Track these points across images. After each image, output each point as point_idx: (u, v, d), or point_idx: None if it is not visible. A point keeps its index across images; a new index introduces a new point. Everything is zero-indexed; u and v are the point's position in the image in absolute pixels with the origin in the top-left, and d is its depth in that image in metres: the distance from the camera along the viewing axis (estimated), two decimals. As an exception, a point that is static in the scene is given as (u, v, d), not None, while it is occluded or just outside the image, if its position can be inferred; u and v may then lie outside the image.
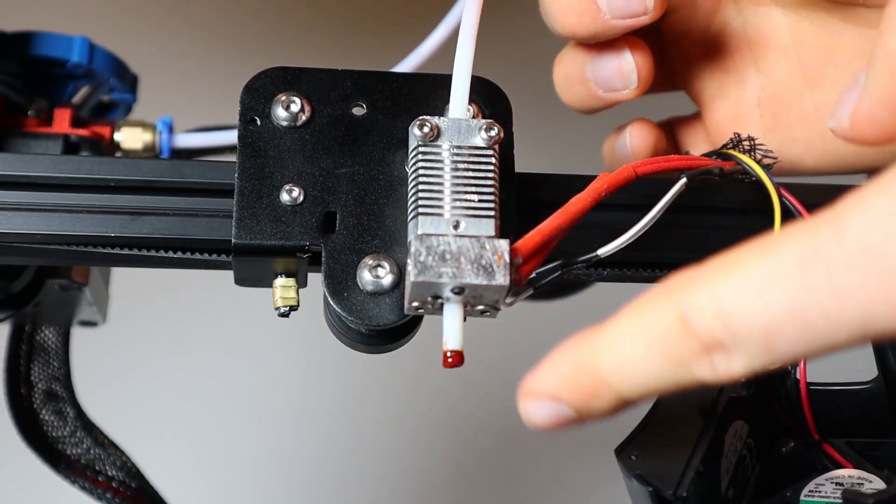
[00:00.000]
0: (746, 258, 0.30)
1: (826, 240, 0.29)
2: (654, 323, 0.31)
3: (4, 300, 0.50)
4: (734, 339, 0.30)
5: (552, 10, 0.44)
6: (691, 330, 0.31)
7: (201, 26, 1.04)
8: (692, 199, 0.42)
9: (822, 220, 0.29)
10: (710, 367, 0.31)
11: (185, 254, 0.42)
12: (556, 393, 0.33)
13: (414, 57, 0.47)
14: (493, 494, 0.96)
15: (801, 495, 0.40)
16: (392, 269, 0.40)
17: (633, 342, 0.32)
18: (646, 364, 0.32)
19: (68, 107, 0.50)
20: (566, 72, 0.46)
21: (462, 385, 0.94)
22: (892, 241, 0.28)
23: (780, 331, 0.29)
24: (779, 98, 0.46)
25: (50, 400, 0.53)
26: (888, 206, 0.28)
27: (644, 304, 0.32)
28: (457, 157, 0.39)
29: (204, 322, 0.98)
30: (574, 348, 0.33)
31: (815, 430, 0.42)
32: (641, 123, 0.49)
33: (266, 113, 0.42)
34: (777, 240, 0.30)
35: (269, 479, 0.94)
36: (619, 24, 0.43)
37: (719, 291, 0.30)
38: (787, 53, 0.46)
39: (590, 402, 0.33)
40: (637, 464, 0.38)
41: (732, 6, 0.47)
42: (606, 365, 0.32)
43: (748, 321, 0.30)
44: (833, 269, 0.29)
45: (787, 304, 0.29)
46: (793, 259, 0.29)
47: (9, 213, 0.41)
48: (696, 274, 0.31)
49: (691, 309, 0.31)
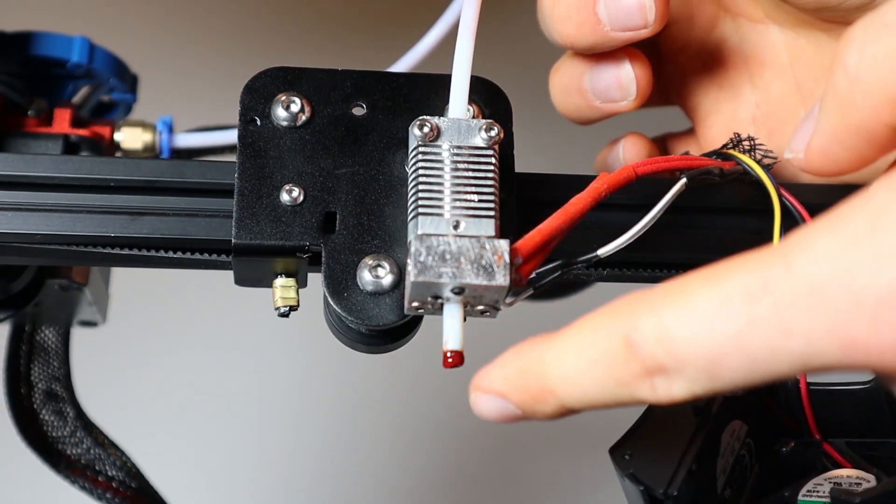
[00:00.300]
0: (694, 286, 0.31)
1: (775, 274, 0.30)
2: (600, 342, 0.32)
3: (4, 300, 0.50)
4: (676, 365, 0.31)
5: (551, 19, 0.44)
6: (635, 353, 0.32)
7: (201, 26, 1.04)
8: (692, 199, 0.42)
9: (771, 254, 0.30)
10: (651, 390, 0.32)
11: (185, 254, 0.42)
12: (502, 392, 0.34)
13: (410, 56, 0.47)
14: (492, 494, 0.96)
15: (798, 495, 0.40)
16: (392, 269, 0.40)
17: (578, 358, 0.33)
18: (589, 380, 0.33)
19: (68, 107, 0.50)
20: (563, 82, 0.46)
21: (462, 385, 0.94)
22: (838, 281, 0.29)
23: (724, 360, 0.30)
24: (774, 116, 0.46)
25: (50, 400, 0.53)
26: (835, 245, 0.29)
27: (593, 322, 0.33)
28: (457, 157, 0.39)
29: (204, 322, 0.98)
30: (524, 353, 0.34)
31: (816, 430, 0.42)
32: (635, 137, 0.49)
33: (266, 113, 0.42)
34: (725, 270, 0.31)
35: (269, 479, 0.94)
36: (619, 36, 0.43)
37: (665, 318, 0.31)
38: (783, 71, 0.46)
39: (534, 406, 0.34)
40: (630, 463, 0.38)
41: (730, 22, 0.47)
42: (552, 374, 0.33)
43: (692, 349, 0.31)
44: (780, 303, 0.30)
45: (731, 335, 0.30)
46: (740, 291, 0.30)
47: (9, 213, 0.41)
48: (645, 298, 0.32)
49: (636, 332, 0.32)
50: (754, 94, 0.47)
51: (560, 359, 0.33)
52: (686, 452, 0.38)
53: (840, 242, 0.30)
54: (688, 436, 0.39)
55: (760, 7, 0.46)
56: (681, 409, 0.40)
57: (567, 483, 0.94)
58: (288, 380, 0.97)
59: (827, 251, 0.30)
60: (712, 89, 0.48)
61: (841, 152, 0.34)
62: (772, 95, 0.46)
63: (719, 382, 0.31)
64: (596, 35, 0.43)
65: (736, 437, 0.41)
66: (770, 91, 0.46)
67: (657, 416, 0.40)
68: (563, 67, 0.46)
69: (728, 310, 0.30)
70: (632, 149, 0.48)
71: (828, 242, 0.30)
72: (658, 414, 0.40)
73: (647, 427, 0.40)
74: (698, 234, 0.44)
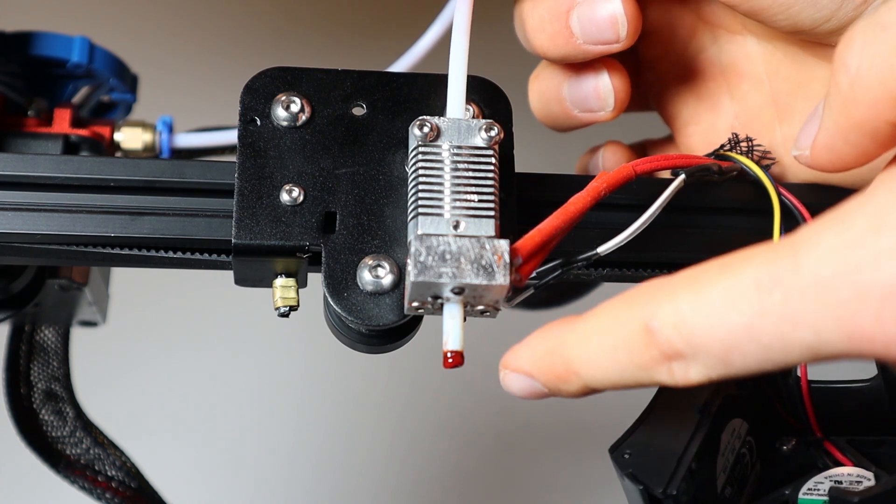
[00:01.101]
0: (709, 276, 0.33)
1: (784, 268, 0.32)
2: (621, 329, 0.34)
3: (4, 300, 0.50)
4: (693, 351, 0.33)
5: (524, 29, 0.44)
6: (654, 339, 0.33)
7: (201, 26, 1.04)
8: (692, 199, 0.43)
9: (781, 248, 0.32)
10: (669, 373, 0.34)
11: (185, 254, 0.42)
12: (530, 372, 0.37)
13: (410, 56, 0.47)
14: (492, 494, 0.96)
15: (799, 493, 0.40)
16: (392, 269, 0.40)
17: (601, 342, 0.35)
18: (611, 363, 0.35)
19: (68, 107, 0.50)
20: (542, 89, 0.47)
21: (462, 385, 0.94)
22: (843, 276, 0.31)
23: (737, 347, 0.32)
24: (751, 127, 0.46)
25: (49, 400, 0.53)
26: (841, 242, 0.31)
27: (614, 308, 0.35)
28: (457, 157, 0.39)
29: (204, 322, 0.98)
30: (551, 334, 0.36)
31: (817, 427, 0.42)
32: (615, 146, 0.49)
33: (266, 113, 0.42)
34: (738, 261, 0.33)
35: (269, 479, 0.94)
36: (592, 49, 0.43)
37: (682, 306, 0.33)
38: (760, 83, 0.46)
39: (559, 385, 0.36)
40: (630, 462, 0.38)
41: (708, 34, 0.47)
42: (576, 357, 0.35)
43: (707, 336, 0.32)
44: (789, 296, 0.31)
45: (744, 324, 0.32)
46: (752, 283, 0.32)
47: (9, 213, 0.41)
48: (663, 285, 0.34)
49: (655, 320, 0.33)
50: (732, 105, 0.47)
51: (583, 342, 0.35)
52: (686, 451, 0.39)
53: (845, 239, 0.31)
54: (688, 434, 0.39)
55: (738, 19, 0.46)
56: (680, 408, 0.40)
57: (567, 483, 0.94)
58: (288, 380, 0.97)
59: (833, 247, 0.31)
60: (691, 99, 0.48)
61: (845, 148, 0.35)
62: (749, 107, 0.47)
63: (733, 368, 0.33)
64: (569, 47, 0.43)
65: (736, 436, 0.41)
66: (747, 102, 0.47)
67: (657, 415, 0.40)
68: (542, 75, 0.47)
69: (741, 300, 0.32)
70: (611, 157, 0.49)
71: (834, 239, 0.31)
72: (658, 413, 0.40)
73: (646, 426, 0.40)
74: (698, 233, 0.44)
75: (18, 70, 0.50)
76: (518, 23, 0.45)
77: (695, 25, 0.47)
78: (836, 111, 0.35)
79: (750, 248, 0.33)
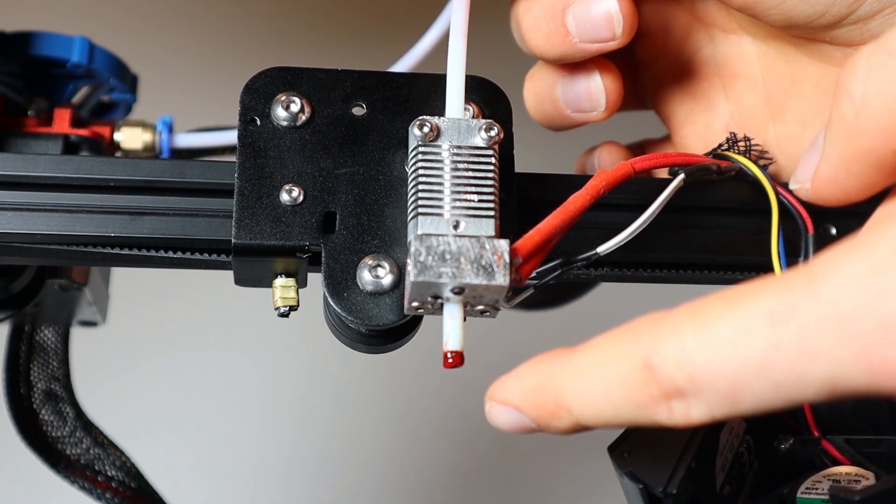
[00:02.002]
0: (717, 308, 0.31)
1: (800, 298, 0.30)
2: (618, 365, 0.32)
3: (4, 300, 0.50)
4: (696, 389, 0.31)
5: (521, 30, 0.44)
6: (654, 377, 0.31)
7: (201, 26, 1.04)
8: (691, 199, 0.43)
9: (796, 277, 0.30)
10: (668, 413, 0.32)
11: (185, 254, 0.42)
12: (518, 406, 0.34)
13: (410, 56, 0.47)
14: (492, 494, 0.96)
15: (797, 493, 0.40)
16: (392, 269, 0.40)
17: (597, 378, 0.33)
18: (606, 400, 0.33)
19: (68, 107, 0.50)
20: (536, 89, 0.47)
21: (462, 385, 0.94)
22: (865, 307, 0.29)
23: (746, 384, 0.30)
24: (745, 127, 0.46)
25: (49, 400, 0.53)
26: (862, 271, 0.29)
27: (612, 343, 0.33)
28: (457, 157, 0.39)
29: (204, 322, 0.98)
30: (542, 366, 0.34)
31: (815, 427, 0.42)
32: (611, 147, 0.49)
33: (266, 113, 0.42)
34: (749, 292, 0.31)
35: (269, 479, 0.94)
36: (588, 48, 0.43)
37: (687, 341, 0.31)
38: (755, 83, 0.46)
39: (549, 420, 0.34)
40: (629, 461, 0.38)
41: (704, 33, 0.47)
42: (568, 392, 0.33)
43: (713, 373, 0.30)
44: (806, 328, 0.29)
45: (756, 359, 0.30)
46: (765, 315, 0.30)
47: (9, 213, 0.41)
48: (666, 319, 0.32)
49: (657, 356, 0.31)
50: (727, 104, 0.47)
51: (577, 378, 0.33)
52: (685, 450, 0.38)
53: (866, 268, 0.29)
54: (687, 433, 0.39)
55: (734, 18, 0.46)
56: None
57: (567, 483, 0.94)
58: (288, 380, 0.97)
59: (854, 277, 0.29)
60: (687, 99, 0.48)
61: (848, 180, 0.34)
62: (744, 106, 0.47)
63: (741, 407, 0.31)
64: (565, 46, 0.43)
65: (735, 435, 0.41)
66: (742, 102, 0.47)
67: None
68: (537, 75, 0.47)
69: (752, 334, 0.30)
70: (608, 158, 0.49)
71: (853, 268, 0.30)
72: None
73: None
74: (697, 233, 0.44)
75: (18, 70, 0.50)
76: (514, 24, 0.45)
77: (690, 25, 0.47)
78: (840, 141, 0.33)
79: (758, 279, 0.31)
